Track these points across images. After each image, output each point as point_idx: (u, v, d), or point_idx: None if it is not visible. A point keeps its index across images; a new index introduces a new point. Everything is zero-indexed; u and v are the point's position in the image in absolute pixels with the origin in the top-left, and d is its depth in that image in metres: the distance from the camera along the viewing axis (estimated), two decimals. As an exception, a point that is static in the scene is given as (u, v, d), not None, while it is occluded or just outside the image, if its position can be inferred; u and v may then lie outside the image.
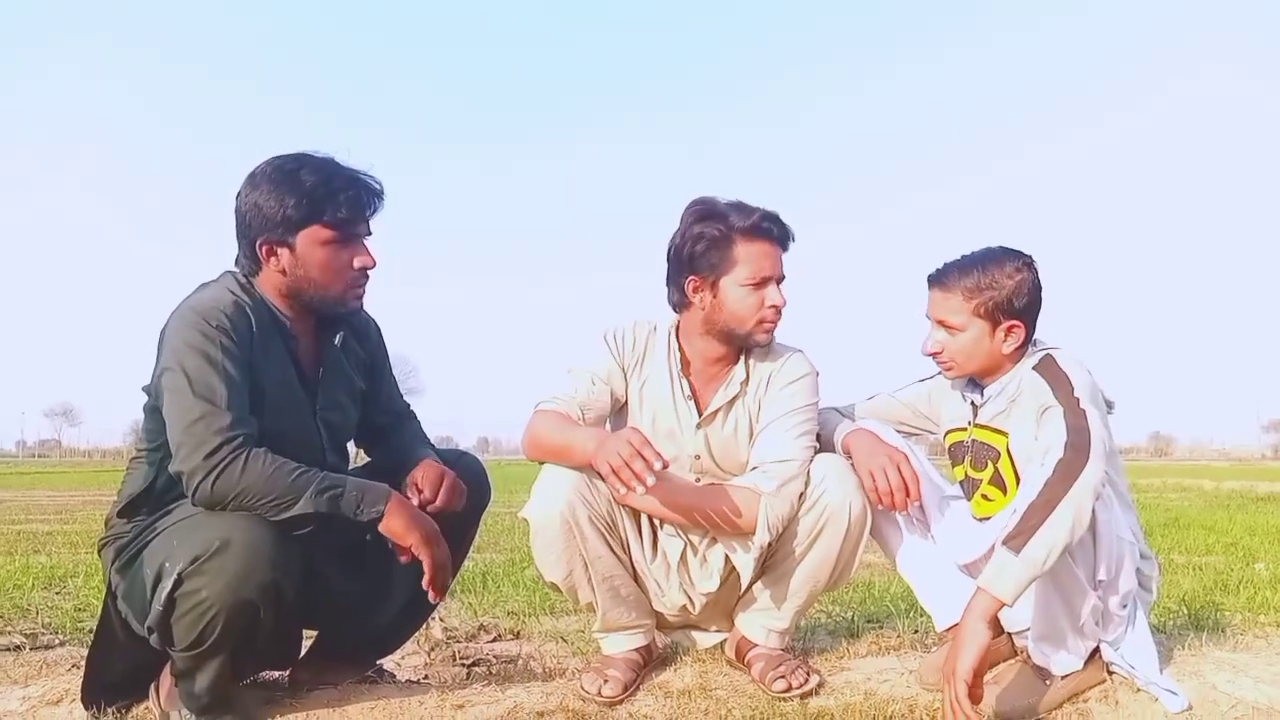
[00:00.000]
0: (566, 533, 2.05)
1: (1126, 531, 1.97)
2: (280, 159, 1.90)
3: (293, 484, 1.75)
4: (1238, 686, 2.01)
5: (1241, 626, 2.92)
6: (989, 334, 2.04)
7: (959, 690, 1.73)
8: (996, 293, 2.02)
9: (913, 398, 2.32)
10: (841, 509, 2.05)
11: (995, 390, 2.10)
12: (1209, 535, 6.57)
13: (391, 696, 2.04)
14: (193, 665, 1.80)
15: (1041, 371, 2.01)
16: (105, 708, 1.99)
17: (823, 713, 1.96)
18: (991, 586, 1.76)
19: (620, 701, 2.05)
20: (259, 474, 1.73)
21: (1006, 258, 2.05)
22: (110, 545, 1.92)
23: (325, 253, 1.88)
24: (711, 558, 2.20)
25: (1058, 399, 1.92)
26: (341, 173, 1.89)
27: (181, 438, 1.74)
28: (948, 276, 2.07)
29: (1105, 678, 2.03)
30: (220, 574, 1.68)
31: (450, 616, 3.37)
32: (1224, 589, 3.91)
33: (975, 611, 1.77)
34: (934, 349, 2.10)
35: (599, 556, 2.09)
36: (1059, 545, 1.75)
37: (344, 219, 1.87)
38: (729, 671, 2.22)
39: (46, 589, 4.12)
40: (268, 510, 1.73)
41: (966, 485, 2.19)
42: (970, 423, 2.15)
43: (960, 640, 1.76)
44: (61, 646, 2.86)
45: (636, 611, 2.20)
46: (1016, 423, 2.04)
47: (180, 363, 1.77)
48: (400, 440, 2.15)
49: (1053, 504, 1.76)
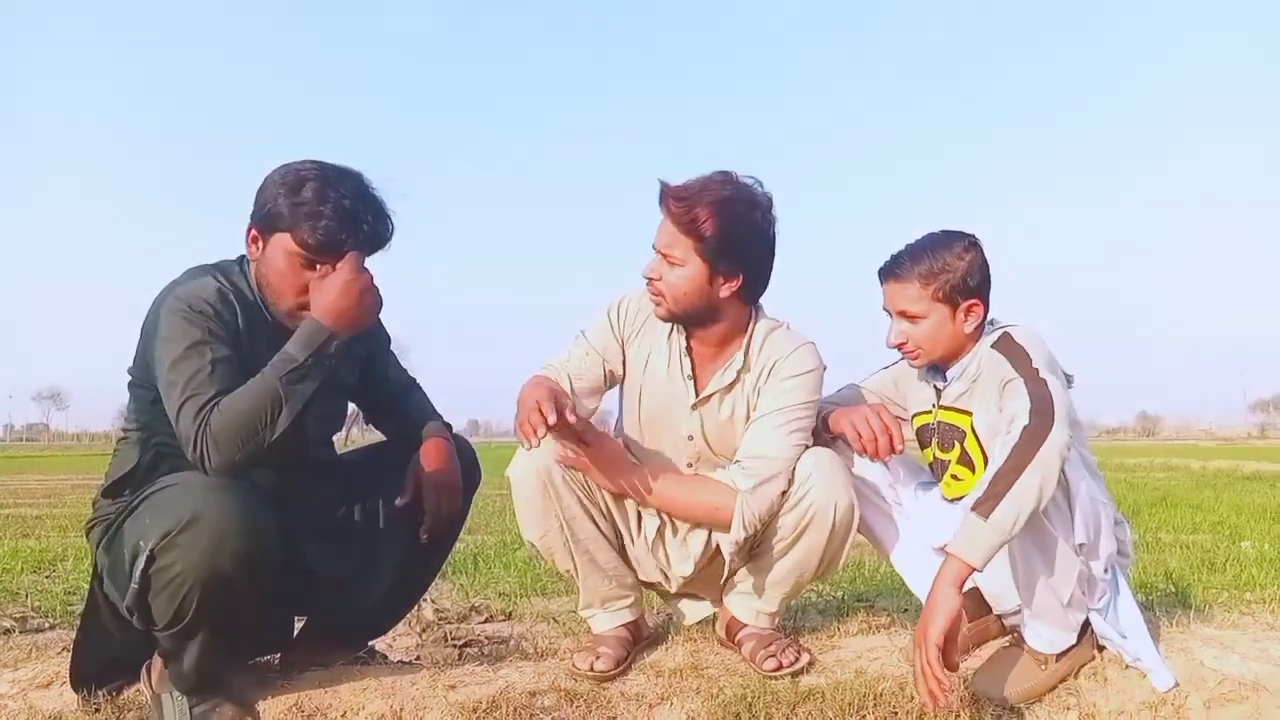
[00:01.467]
0: (542, 491, 2.07)
1: (1100, 494, 1.99)
2: (311, 163, 1.88)
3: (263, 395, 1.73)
4: (1224, 663, 2.03)
5: (1228, 604, 2.94)
6: (950, 317, 2.06)
7: (930, 654, 1.73)
8: (951, 275, 2.04)
9: (878, 385, 2.34)
10: (827, 508, 2.03)
11: (956, 372, 2.12)
12: (1196, 514, 6.63)
13: (383, 677, 2.03)
14: (178, 644, 1.80)
15: (999, 348, 2.02)
16: (95, 690, 1.99)
17: (813, 691, 1.96)
18: (961, 552, 1.77)
19: (613, 677, 2.05)
20: (234, 415, 1.72)
21: (952, 240, 2.08)
22: (96, 526, 1.92)
23: (285, 264, 1.86)
24: (691, 541, 2.18)
25: (1018, 371, 1.94)
26: (341, 201, 1.84)
27: (177, 426, 1.75)
28: (900, 267, 2.08)
29: (1095, 655, 2.05)
30: (192, 547, 1.67)
31: (442, 598, 3.37)
32: (1211, 567, 3.95)
33: (946, 577, 1.77)
34: (899, 340, 2.12)
35: (574, 517, 2.10)
36: (1027, 509, 1.76)
37: (309, 244, 1.83)
38: (720, 650, 2.23)
39: (36, 573, 4.11)
40: (268, 432, 1.73)
41: (936, 467, 2.21)
42: (935, 405, 2.18)
43: (931, 606, 1.76)
44: (51, 630, 2.86)
45: (618, 582, 2.20)
46: (979, 401, 2.06)
47: (167, 352, 1.77)
48: (405, 413, 2.18)
49: (1020, 469, 1.77)
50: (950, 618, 1.74)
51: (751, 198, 2.04)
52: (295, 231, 1.83)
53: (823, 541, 2.06)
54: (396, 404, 2.21)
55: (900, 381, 2.30)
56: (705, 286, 2.04)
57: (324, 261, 1.86)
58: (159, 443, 1.89)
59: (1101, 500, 1.98)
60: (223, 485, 1.72)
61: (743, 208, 2.02)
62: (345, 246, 1.85)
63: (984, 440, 2.04)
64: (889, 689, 1.96)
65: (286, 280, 1.87)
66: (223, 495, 1.71)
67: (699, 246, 2.01)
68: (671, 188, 2.03)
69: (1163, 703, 1.93)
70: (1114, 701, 1.96)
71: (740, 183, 2.04)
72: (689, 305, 2.07)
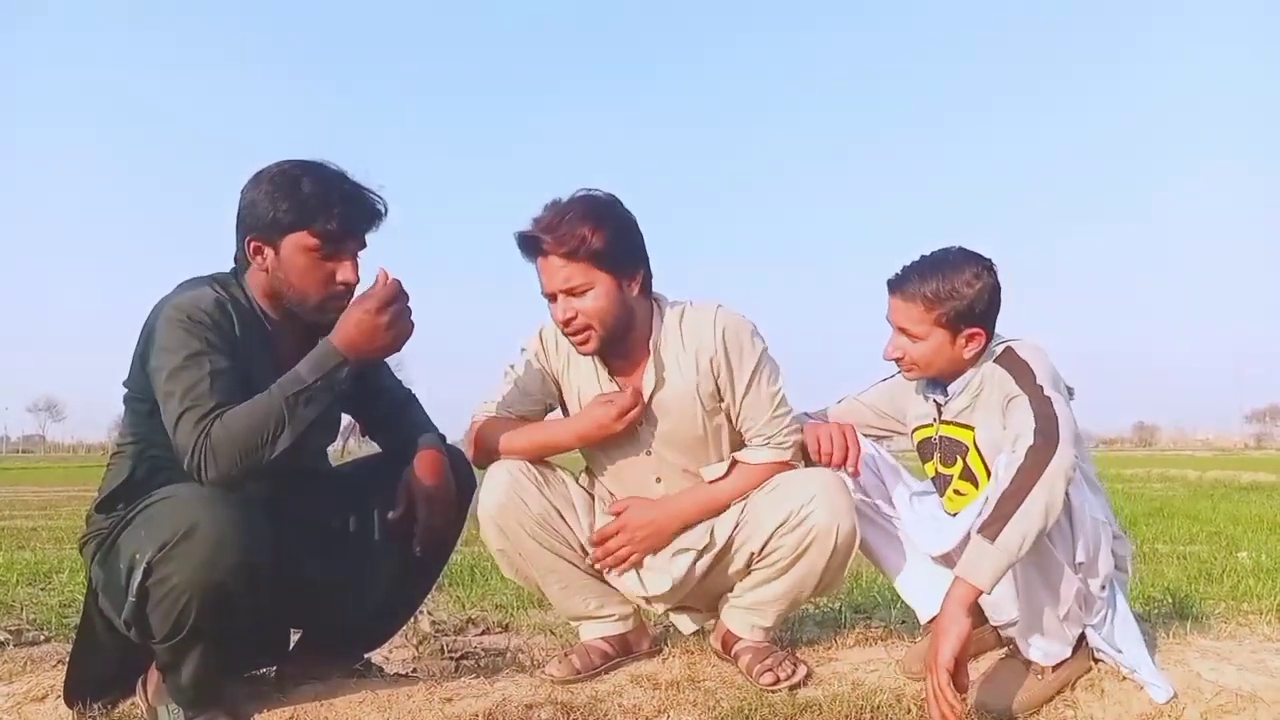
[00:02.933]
0: (499, 535, 2.12)
1: (1100, 512, 1.99)
2: (289, 163, 1.89)
3: (268, 414, 1.75)
4: (1222, 674, 2.03)
5: (1225, 615, 2.94)
6: (949, 342, 2.04)
7: (941, 679, 1.73)
8: (957, 302, 2.00)
9: (875, 398, 2.33)
10: (829, 531, 2.04)
11: (958, 387, 2.10)
12: (1193, 525, 6.63)
13: (379, 689, 2.03)
14: (175, 657, 1.79)
15: (1003, 363, 2.02)
16: (90, 704, 1.98)
17: (810, 704, 1.96)
18: (969, 575, 1.77)
19: (569, 682, 2.07)
20: (230, 432, 1.73)
21: (966, 263, 2.02)
22: (91, 541, 1.91)
23: (307, 260, 1.87)
24: (675, 563, 2.15)
25: (1021, 388, 1.93)
26: (342, 187, 1.88)
27: (175, 436, 1.75)
28: (908, 284, 2.05)
29: (1091, 665, 2.05)
30: (189, 558, 1.67)
31: (439, 610, 3.37)
32: (1208, 578, 3.94)
33: (954, 600, 1.77)
34: (895, 354, 2.11)
35: (533, 552, 2.13)
36: (1033, 531, 1.76)
37: (331, 231, 1.86)
38: (717, 663, 2.22)
39: (31, 585, 4.09)
40: (267, 450, 1.74)
41: (938, 481, 2.20)
42: (936, 419, 2.16)
43: (941, 629, 1.77)
44: (47, 643, 2.84)
45: (596, 600, 2.21)
46: (982, 416, 2.05)
47: (165, 363, 1.76)
48: (401, 426, 2.18)
49: (1025, 490, 1.77)
50: (960, 641, 1.75)
51: (605, 199, 2.06)
52: (310, 227, 1.85)
53: (822, 563, 2.06)
54: (392, 416, 2.20)
55: (897, 394, 2.29)
56: (618, 294, 2.04)
57: (344, 247, 1.88)
58: (153, 456, 1.89)
59: (1102, 520, 1.98)
60: (218, 496, 1.72)
61: (606, 209, 2.04)
62: (360, 227, 1.89)
63: (986, 456, 2.03)
64: (886, 701, 1.96)
65: (309, 277, 1.88)
66: (218, 506, 1.71)
67: (594, 263, 2.00)
68: (538, 227, 2.01)
69: (1159, 714, 1.93)
70: (1111, 713, 1.95)
71: (585, 196, 2.05)
72: (615, 322, 2.05)
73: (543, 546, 2.14)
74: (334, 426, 2.14)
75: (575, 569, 2.18)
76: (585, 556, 2.19)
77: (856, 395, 2.36)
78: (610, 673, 2.16)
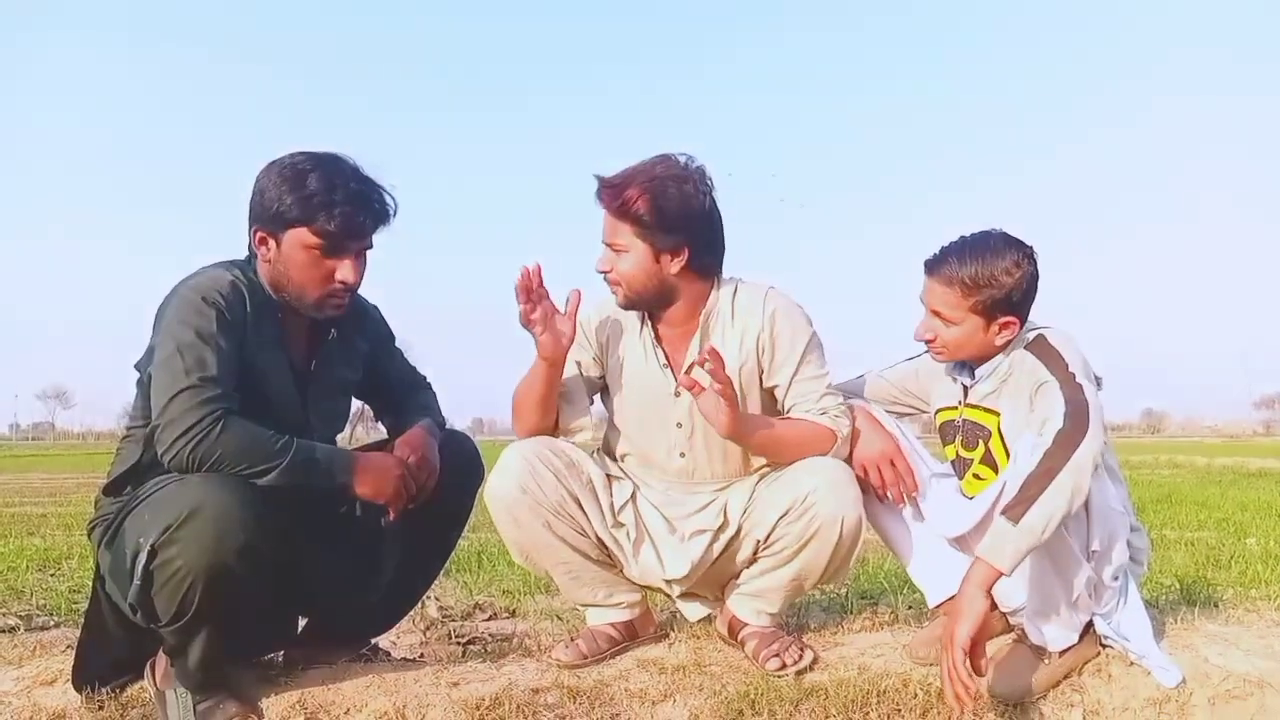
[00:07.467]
0: (511, 522, 2.12)
1: (1118, 503, 1.97)
2: (302, 155, 1.89)
3: (270, 451, 1.78)
4: (1229, 659, 2.02)
5: (1233, 600, 2.94)
6: (983, 328, 2.00)
7: (956, 658, 1.73)
8: (995, 290, 1.95)
9: (900, 377, 2.30)
10: (833, 522, 2.02)
11: (986, 371, 2.08)
12: (1201, 511, 6.61)
13: (386, 674, 2.03)
14: (182, 641, 1.80)
15: (1034, 350, 1.99)
16: (99, 688, 1.99)
17: (816, 688, 1.96)
18: (990, 556, 1.76)
19: (576, 667, 2.08)
20: (237, 440, 1.75)
21: (1007, 249, 1.97)
22: (98, 526, 1.92)
23: (306, 257, 1.87)
24: (692, 544, 2.15)
25: (1053, 374, 1.91)
26: (349, 186, 1.87)
27: (167, 405, 1.75)
28: (946, 266, 1.99)
29: (1099, 651, 2.04)
30: (193, 541, 1.68)
31: (446, 595, 3.37)
32: (1216, 564, 3.94)
33: (973, 581, 1.77)
34: (927, 335, 2.07)
35: (546, 544, 2.13)
36: (1058, 515, 1.75)
37: (331, 231, 1.85)
38: (723, 648, 2.22)
39: (41, 571, 4.12)
40: (245, 475, 1.76)
41: (958, 465, 2.18)
42: (961, 402, 2.14)
43: (959, 609, 1.76)
44: (56, 628, 2.86)
45: (604, 590, 2.21)
46: (1008, 402, 2.03)
47: (173, 336, 1.78)
48: (406, 412, 2.19)
49: (1052, 474, 1.76)
50: (977, 621, 1.74)
51: (680, 172, 2.05)
52: (311, 224, 1.84)
53: (827, 554, 2.06)
54: (401, 403, 2.21)
55: (923, 374, 2.25)
56: (652, 265, 2.06)
57: (345, 246, 1.88)
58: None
59: (1119, 509, 1.97)
60: (222, 480, 1.73)
61: (671, 183, 2.03)
62: (363, 229, 1.89)
63: (1010, 442, 2.01)
64: (892, 686, 1.96)
65: (308, 273, 1.88)
66: (223, 489, 1.72)
67: (636, 229, 2.04)
68: (604, 179, 2.07)
69: (1167, 699, 1.93)
70: (1118, 698, 1.95)
71: (670, 160, 2.07)
72: (643, 288, 2.09)
73: (556, 537, 2.12)
74: (343, 414, 2.14)
75: (586, 560, 2.18)
76: (597, 546, 2.18)
77: (880, 372, 2.33)
78: (616, 657, 2.17)
